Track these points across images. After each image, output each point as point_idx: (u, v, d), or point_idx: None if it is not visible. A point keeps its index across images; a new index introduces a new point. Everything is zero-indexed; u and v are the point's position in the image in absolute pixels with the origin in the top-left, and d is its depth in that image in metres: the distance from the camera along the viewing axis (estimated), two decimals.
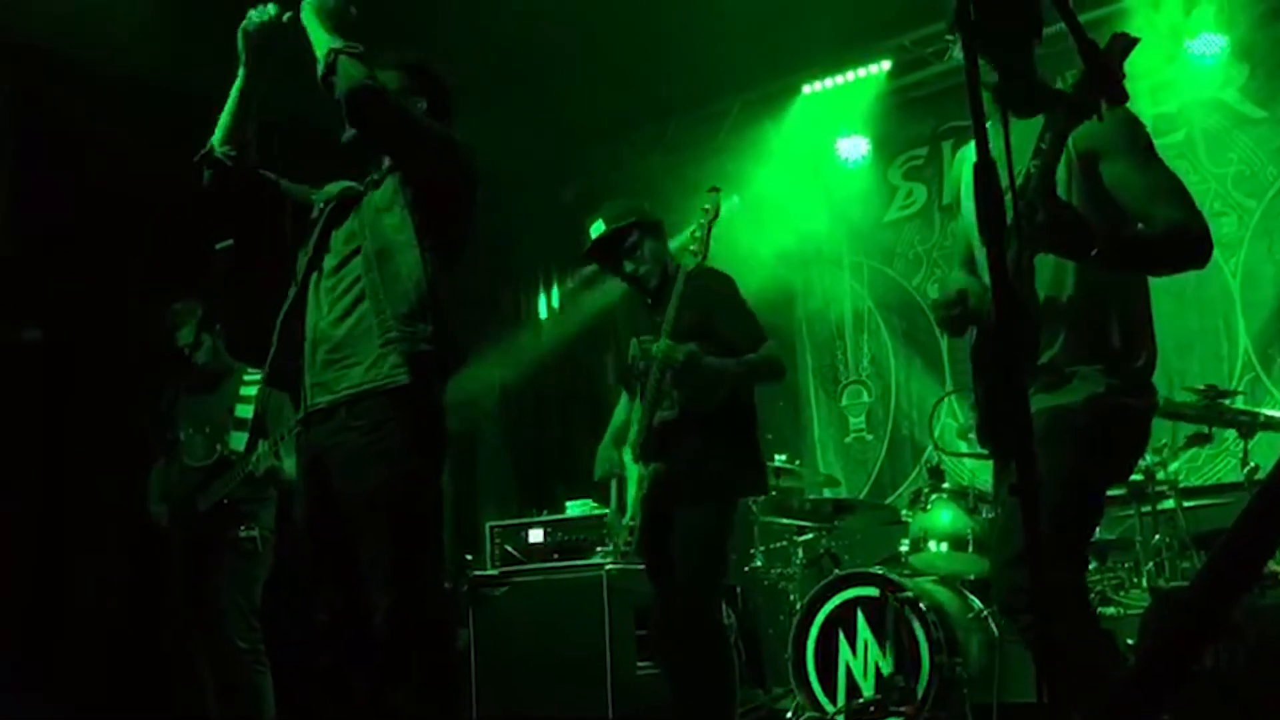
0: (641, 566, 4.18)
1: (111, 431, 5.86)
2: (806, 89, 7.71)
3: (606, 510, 4.96)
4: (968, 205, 3.02)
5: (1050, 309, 2.80)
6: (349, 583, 3.07)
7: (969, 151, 3.03)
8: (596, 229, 4.16)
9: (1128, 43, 2.52)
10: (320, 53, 3.08)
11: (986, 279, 2.96)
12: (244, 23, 3.19)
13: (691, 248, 3.94)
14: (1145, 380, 2.87)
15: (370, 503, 3.01)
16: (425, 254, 3.13)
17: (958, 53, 2.86)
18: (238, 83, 3.23)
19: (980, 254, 3.01)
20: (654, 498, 3.98)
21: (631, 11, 6.29)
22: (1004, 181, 2.02)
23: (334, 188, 3.36)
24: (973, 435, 3.28)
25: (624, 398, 4.39)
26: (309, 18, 3.12)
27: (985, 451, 3.08)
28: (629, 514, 4.04)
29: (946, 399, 6.90)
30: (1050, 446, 2.53)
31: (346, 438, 3.06)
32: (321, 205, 3.35)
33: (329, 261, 3.23)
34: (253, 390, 5.04)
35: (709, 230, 3.95)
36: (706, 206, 3.99)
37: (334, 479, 3.09)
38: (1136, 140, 2.78)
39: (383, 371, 3.05)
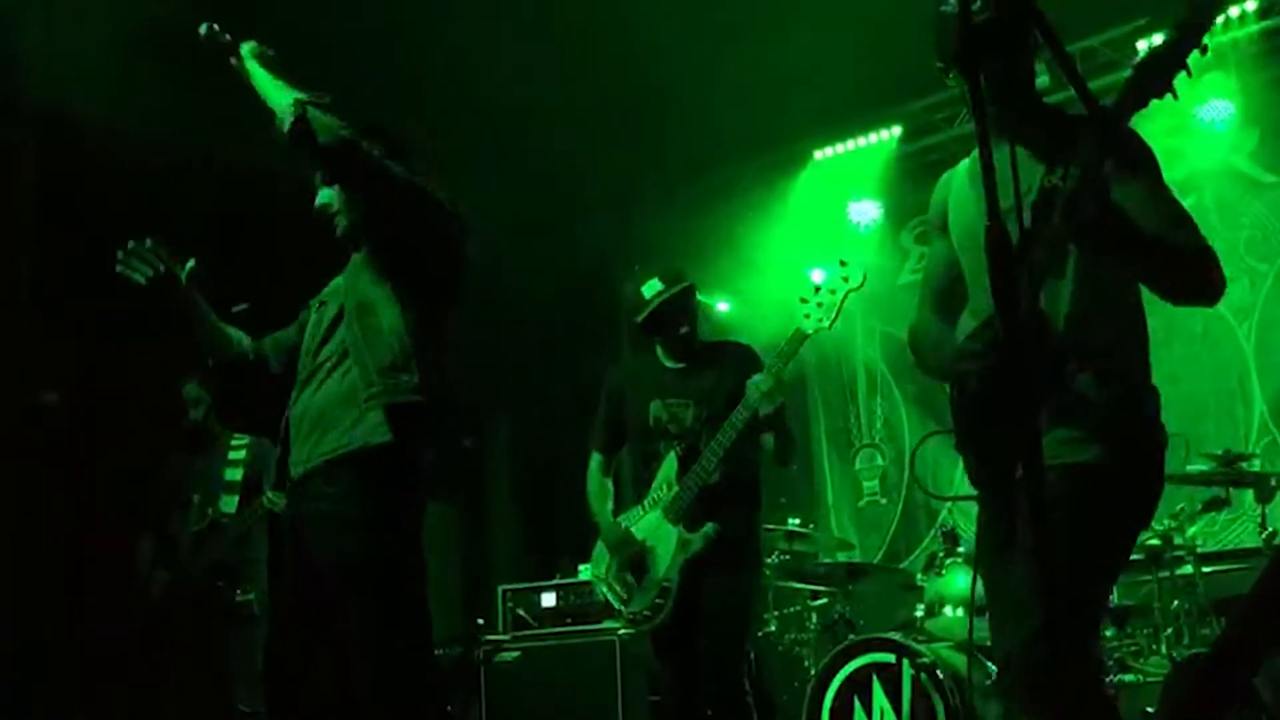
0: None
1: (120, 498, 5.85)
2: (818, 154, 7.80)
3: None
4: (960, 223, 2.79)
5: (1072, 338, 2.57)
6: (331, 651, 3.06)
7: (957, 173, 2.92)
8: (652, 288, 4.11)
9: None
10: (283, 102, 2.90)
11: (980, 302, 2.70)
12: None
13: (818, 315, 3.89)
14: (1159, 421, 2.68)
15: (345, 571, 2.94)
16: (406, 311, 3.07)
17: (966, 117, 2.80)
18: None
19: (972, 271, 2.75)
20: (700, 560, 3.97)
21: (645, 76, 6.36)
22: (1008, 199, 1.93)
23: (340, 284, 3.28)
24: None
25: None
26: (254, 66, 2.99)
27: (974, 493, 2.94)
28: (662, 572, 4.02)
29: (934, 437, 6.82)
30: (1082, 505, 2.46)
31: (319, 506, 2.97)
32: (317, 306, 3.29)
33: (325, 349, 3.17)
34: (240, 454, 5.10)
35: (844, 301, 3.91)
36: (846, 276, 3.91)
37: (309, 548, 3.03)
38: (1153, 166, 2.62)
39: (359, 434, 2.95)
